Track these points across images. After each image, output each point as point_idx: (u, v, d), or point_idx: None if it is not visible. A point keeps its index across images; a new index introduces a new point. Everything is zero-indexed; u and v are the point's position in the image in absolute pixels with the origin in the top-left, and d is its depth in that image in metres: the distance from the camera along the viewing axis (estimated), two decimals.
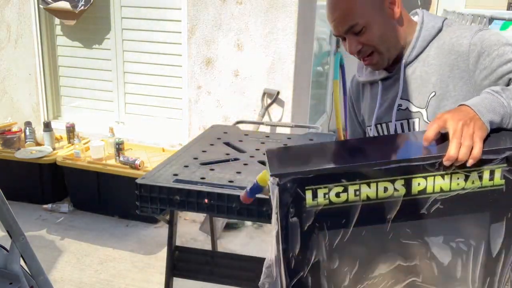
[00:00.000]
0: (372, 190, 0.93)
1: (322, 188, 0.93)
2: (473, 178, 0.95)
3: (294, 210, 0.93)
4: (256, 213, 1.68)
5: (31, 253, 1.61)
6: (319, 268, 0.98)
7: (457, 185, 0.95)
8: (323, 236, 0.95)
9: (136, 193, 1.79)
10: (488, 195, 0.96)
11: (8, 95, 4.40)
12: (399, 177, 0.93)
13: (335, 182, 0.92)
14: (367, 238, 0.97)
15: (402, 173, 0.93)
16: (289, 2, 3.36)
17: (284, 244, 0.96)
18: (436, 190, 0.95)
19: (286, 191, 0.92)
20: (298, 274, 0.98)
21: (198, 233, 3.52)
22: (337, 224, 0.95)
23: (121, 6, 3.89)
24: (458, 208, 0.97)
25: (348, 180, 0.92)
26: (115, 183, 3.52)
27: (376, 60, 1.27)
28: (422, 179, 0.94)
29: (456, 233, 0.99)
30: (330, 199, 0.93)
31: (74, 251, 3.23)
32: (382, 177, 0.93)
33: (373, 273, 0.99)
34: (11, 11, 4.14)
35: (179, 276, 2.13)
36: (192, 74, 3.73)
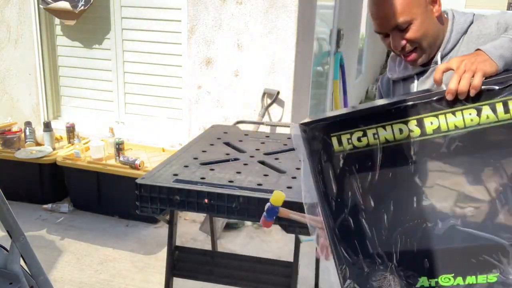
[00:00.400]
0: (388, 132, 0.99)
1: (345, 134, 1.01)
2: (486, 113, 0.94)
3: (325, 156, 1.03)
4: (256, 213, 1.68)
5: (31, 253, 1.61)
6: (358, 211, 1.04)
7: (471, 121, 0.95)
8: (354, 179, 1.03)
9: (136, 193, 1.79)
10: (509, 128, 0.94)
11: (8, 95, 4.40)
12: (411, 117, 0.97)
13: (354, 128, 1.00)
14: (395, 180, 1.02)
15: (413, 114, 0.97)
16: (289, 2, 3.36)
17: (323, 187, 1.05)
18: (450, 128, 0.96)
19: (315, 139, 1.03)
20: (340, 216, 1.06)
21: (198, 233, 3.52)
22: (364, 167, 1.02)
23: (121, 6, 3.89)
24: (480, 145, 0.96)
25: (365, 124, 1.00)
26: (115, 183, 3.52)
27: (418, 56, 1.31)
28: (434, 118, 0.97)
29: (485, 171, 0.98)
30: (354, 144, 1.01)
31: (74, 251, 3.23)
32: (395, 119, 0.98)
33: (410, 216, 1.02)
34: (11, 11, 4.14)
35: (179, 276, 2.13)
36: (192, 74, 3.73)
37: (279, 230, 3.51)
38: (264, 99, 3.58)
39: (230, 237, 3.48)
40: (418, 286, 1.05)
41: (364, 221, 1.05)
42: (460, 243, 1.01)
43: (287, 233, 1.67)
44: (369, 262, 1.07)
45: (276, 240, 3.45)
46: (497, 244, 0.98)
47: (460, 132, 0.96)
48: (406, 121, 0.98)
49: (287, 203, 1.64)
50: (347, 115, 1.03)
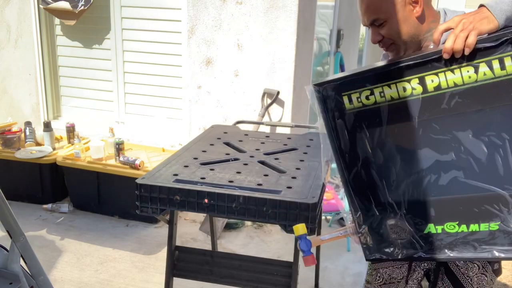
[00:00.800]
0: (393, 90, 1.07)
1: (354, 93, 1.10)
2: (483, 70, 0.99)
3: (338, 113, 1.14)
4: (256, 213, 1.68)
5: (31, 253, 1.60)
6: (369, 164, 1.15)
7: (469, 78, 1.00)
8: (364, 135, 1.13)
9: (136, 193, 1.79)
10: (505, 85, 0.98)
11: (8, 95, 4.41)
12: (413, 76, 1.04)
13: (362, 87, 1.09)
14: (401, 135, 1.11)
15: (415, 73, 1.05)
16: (289, 2, 3.36)
17: (337, 142, 1.16)
18: (450, 85, 1.02)
19: (328, 98, 1.13)
20: (353, 169, 1.17)
21: (198, 233, 3.52)
22: (373, 124, 1.11)
23: (121, 6, 3.89)
24: (478, 101, 1.01)
25: (372, 83, 1.08)
26: (115, 183, 3.52)
27: (393, 50, 1.40)
28: (434, 76, 1.03)
29: (484, 126, 1.03)
30: (363, 102, 1.10)
31: (74, 251, 3.23)
32: (398, 78, 1.05)
33: (415, 168, 1.11)
34: (11, 11, 4.14)
35: (179, 276, 2.13)
36: (192, 74, 3.73)
37: (279, 230, 3.51)
38: (264, 99, 3.58)
39: (230, 237, 3.48)
40: (426, 232, 1.14)
41: (375, 173, 1.15)
42: (463, 193, 1.08)
43: (287, 233, 1.67)
44: (381, 210, 1.18)
45: (276, 240, 3.45)
46: (497, 195, 1.04)
47: (459, 89, 1.02)
48: (409, 80, 1.05)
49: (288, 202, 1.65)
50: (357, 75, 1.11)
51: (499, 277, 3.08)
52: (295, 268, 1.94)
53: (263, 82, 3.56)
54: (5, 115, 4.39)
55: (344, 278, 3.01)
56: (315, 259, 1.36)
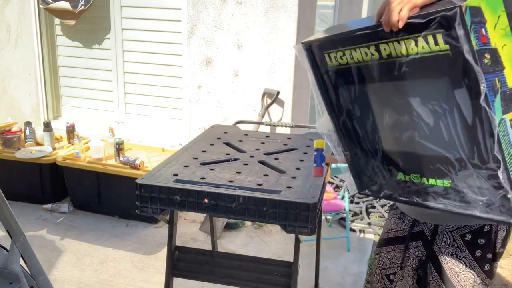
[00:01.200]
0: (358, 54, 1.17)
1: (331, 52, 1.22)
2: (421, 44, 1.06)
3: (323, 69, 1.26)
4: (256, 213, 1.68)
5: (31, 253, 1.60)
6: (351, 115, 1.29)
7: (412, 50, 1.08)
8: (344, 90, 1.26)
9: (136, 193, 1.79)
10: (440, 59, 1.05)
11: (8, 95, 4.41)
12: (370, 43, 1.13)
13: (336, 48, 1.20)
14: (369, 94, 1.22)
15: (371, 40, 1.13)
16: (289, 2, 3.36)
17: (326, 94, 1.31)
18: (398, 54, 1.10)
19: (316, 56, 1.26)
20: (341, 117, 1.31)
21: (198, 233, 3.52)
22: (348, 81, 1.23)
23: (121, 6, 3.89)
24: (420, 71, 1.09)
25: (342, 46, 1.18)
26: (115, 183, 3.52)
27: None
28: (385, 45, 1.11)
29: (428, 95, 1.12)
30: (339, 61, 1.22)
31: (74, 251, 3.23)
32: (359, 44, 1.15)
33: (383, 123, 1.23)
34: (11, 11, 4.14)
35: (179, 276, 2.13)
36: (192, 74, 3.73)
37: (279, 230, 3.52)
38: (264, 99, 3.58)
39: (230, 237, 3.48)
40: (398, 179, 1.29)
41: (356, 124, 1.30)
42: (420, 151, 1.19)
43: (287, 233, 1.67)
44: (364, 154, 1.33)
45: (276, 240, 3.46)
46: (445, 157, 1.15)
47: (405, 58, 1.10)
48: (368, 46, 1.14)
49: (287, 202, 1.65)
50: (334, 36, 1.21)
51: (498, 281, 3.07)
52: (295, 268, 1.94)
53: (263, 82, 3.56)
54: (5, 115, 4.39)
55: (344, 278, 3.01)
56: (323, 173, 1.47)
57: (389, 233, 1.73)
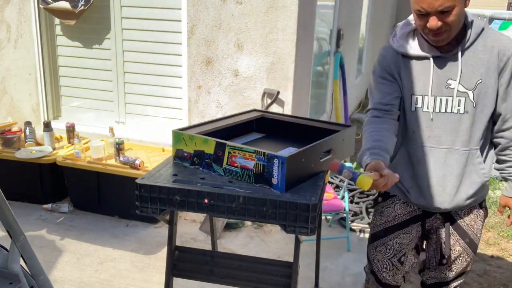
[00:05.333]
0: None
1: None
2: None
3: None
4: (256, 213, 1.68)
5: (31, 253, 1.60)
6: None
7: None
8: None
9: (136, 193, 1.79)
10: None
11: (8, 95, 4.41)
12: None
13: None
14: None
15: None
16: (289, 2, 3.36)
17: None
18: None
19: None
20: None
21: (198, 233, 3.52)
22: None
23: (121, 6, 3.89)
24: None
25: None
26: (115, 183, 3.52)
27: (445, 37, 1.62)
28: None
29: None
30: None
31: (74, 251, 3.23)
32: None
33: None
34: (11, 11, 4.14)
35: (179, 276, 2.13)
36: (192, 74, 3.73)
37: (279, 230, 3.52)
38: (264, 99, 3.58)
39: (230, 237, 3.48)
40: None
41: None
42: None
43: (287, 233, 1.67)
44: None
45: (276, 240, 3.46)
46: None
47: None
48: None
49: (287, 202, 1.65)
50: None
51: (498, 281, 3.07)
52: (295, 268, 1.94)
53: (263, 82, 3.56)
54: (5, 115, 4.39)
55: (344, 278, 3.01)
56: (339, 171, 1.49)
57: (396, 219, 1.93)
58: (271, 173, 1.72)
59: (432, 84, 1.70)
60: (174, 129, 2.00)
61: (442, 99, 1.70)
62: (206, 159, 1.90)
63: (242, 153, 1.77)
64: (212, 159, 1.88)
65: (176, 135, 1.99)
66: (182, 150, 1.97)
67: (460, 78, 1.67)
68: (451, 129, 1.72)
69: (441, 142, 1.74)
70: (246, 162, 1.77)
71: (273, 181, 1.72)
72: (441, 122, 1.72)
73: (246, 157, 1.77)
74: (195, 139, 1.92)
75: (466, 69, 1.67)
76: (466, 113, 1.70)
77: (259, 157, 1.74)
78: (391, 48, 1.78)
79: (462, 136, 1.73)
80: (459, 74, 1.66)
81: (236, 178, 1.83)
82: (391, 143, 1.69)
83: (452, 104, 1.69)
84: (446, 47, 1.67)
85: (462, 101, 1.69)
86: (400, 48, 1.75)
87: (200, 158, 1.92)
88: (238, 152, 1.79)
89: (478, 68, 1.66)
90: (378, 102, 1.77)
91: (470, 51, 1.67)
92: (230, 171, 1.84)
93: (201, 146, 1.91)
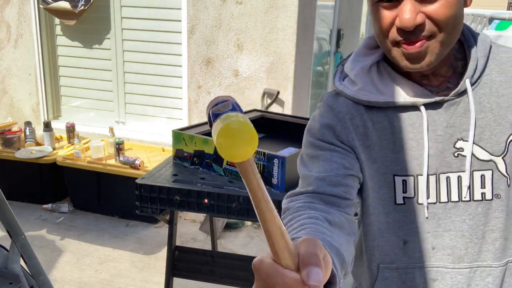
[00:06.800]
0: None
1: None
2: None
3: None
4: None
5: (31, 253, 1.61)
6: None
7: None
8: None
9: (136, 193, 1.79)
10: None
11: (8, 95, 4.41)
12: None
13: None
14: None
15: None
16: (289, 2, 3.36)
17: None
18: None
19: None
20: None
21: (198, 233, 3.52)
22: None
23: (121, 6, 3.89)
24: None
25: None
26: (115, 183, 3.52)
27: (426, 50, 0.85)
28: None
29: None
30: None
31: (74, 251, 3.23)
32: None
33: None
34: (11, 11, 4.14)
35: (179, 276, 2.13)
36: (192, 74, 3.73)
37: None
38: (264, 99, 3.58)
39: (230, 237, 3.48)
40: None
41: None
42: None
43: None
44: None
45: None
46: None
47: None
48: None
49: None
50: None
51: None
52: None
53: (263, 82, 3.56)
54: (5, 115, 4.39)
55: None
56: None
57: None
58: (271, 173, 1.71)
59: (428, 153, 0.93)
60: (174, 129, 2.00)
61: (449, 177, 0.94)
62: (206, 159, 1.90)
63: None
64: (212, 159, 1.88)
65: (176, 135, 1.99)
66: (182, 150, 1.97)
67: (476, 136, 0.92)
68: (472, 230, 0.95)
69: (456, 257, 0.97)
70: None
71: (273, 181, 1.72)
72: (453, 220, 0.95)
73: None
74: (195, 139, 1.92)
75: (485, 117, 0.92)
76: (497, 199, 0.94)
77: (259, 157, 1.74)
78: (341, 96, 0.98)
79: (493, 242, 0.96)
80: (472, 128, 0.91)
81: (236, 178, 1.83)
82: (347, 254, 0.79)
83: (470, 185, 0.93)
84: (442, 83, 0.93)
85: (487, 176, 0.93)
86: (360, 94, 0.95)
87: (200, 158, 1.92)
88: None
89: (504, 113, 0.91)
90: (318, 178, 0.92)
91: (484, 84, 0.92)
92: (230, 171, 1.84)
93: (201, 146, 1.91)
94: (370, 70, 0.96)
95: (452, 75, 0.94)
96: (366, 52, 0.98)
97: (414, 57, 0.86)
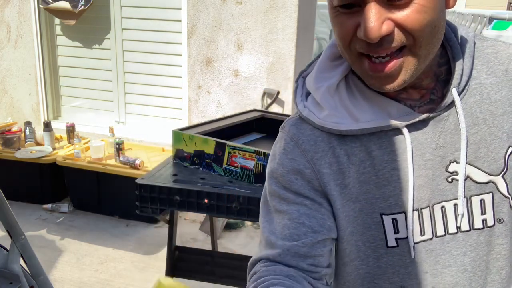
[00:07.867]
0: None
1: None
2: None
3: None
4: (256, 213, 1.68)
5: (31, 253, 1.61)
6: None
7: None
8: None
9: (136, 193, 1.79)
10: None
11: (8, 95, 4.41)
12: None
13: None
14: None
15: None
16: (289, 2, 3.36)
17: None
18: None
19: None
20: None
21: (198, 233, 3.52)
22: None
23: (121, 6, 3.89)
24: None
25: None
26: (115, 183, 3.52)
27: (405, 66, 0.70)
28: None
29: None
30: None
31: (74, 251, 3.23)
32: None
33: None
34: (11, 11, 4.14)
35: (179, 276, 2.13)
36: (192, 74, 3.73)
37: None
38: (264, 99, 3.58)
39: (230, 237, 3.48)
40: None
41: None
42: None
43: None
44: None
45: None
46: None
47: None
48: None
49: None
50: None
51: None
52: None
53: (263, 82, 3.56)
54: (5, 115, 4.39)
55: None
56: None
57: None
58: None
59: (414, 184, 0.77)
60: (174, 129, 2.00)
61: (444, 207, 0.79)
62: (206, 159, 1.90)
63: (242, 153, 1.77)
64: (212, 159, 1.88)
65: (176, 135, 1.99)
66: (182, 150, 1.97)
67: (471, 155, 0.77)
68: (475, 262, 0.82)
69: None
70: (246, 162, 1.77)
71: None
72: (452, 254, 0.81)
73: (246, 157, 1.77)
74: (195, 139, 1.92)
75: (478, 131, 0.77)
76: (500, 223, 0.80)
77: (259, 157, 1.74)
78: (306, 123, 0.82)
79: (498, 271, 0.84)
80: (464, 147, 0.76)
81: (236, 178, 1.83)
82: None
83: (467, 213, 0.79)
84: (424, 96, 0.78)
85: (487, 200, 0.79)
86: (329, 122, 0.79)
87: (200, 158, 1.92)
88: (238, 152, 1.79)
89: (500, 122, 0.77)
90: (283, 247, 0.81)
91: (474, 90, 0.78)
92: (230, 171, 1.84)
93: (201, 146, 1.91)
94: (338, 88, 0.79)
95: (435, 85, 0.77)
96: (330, 66, 0.81)
97: (384, 77, 0.70)
